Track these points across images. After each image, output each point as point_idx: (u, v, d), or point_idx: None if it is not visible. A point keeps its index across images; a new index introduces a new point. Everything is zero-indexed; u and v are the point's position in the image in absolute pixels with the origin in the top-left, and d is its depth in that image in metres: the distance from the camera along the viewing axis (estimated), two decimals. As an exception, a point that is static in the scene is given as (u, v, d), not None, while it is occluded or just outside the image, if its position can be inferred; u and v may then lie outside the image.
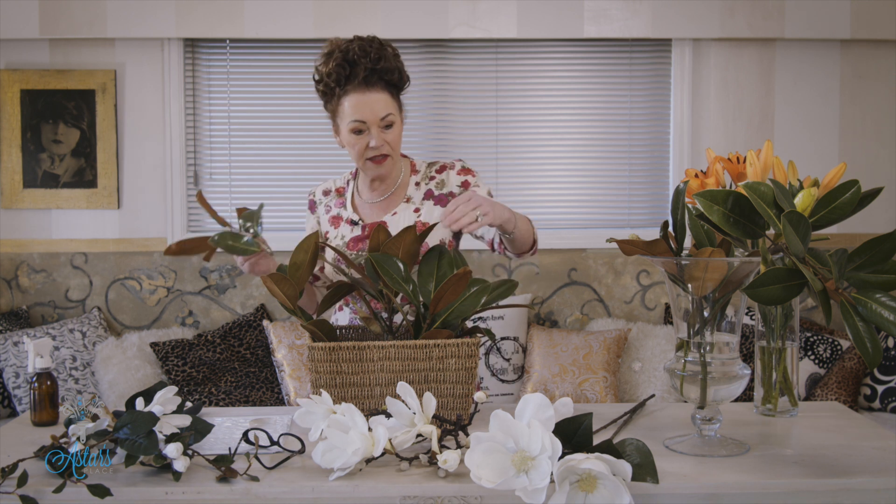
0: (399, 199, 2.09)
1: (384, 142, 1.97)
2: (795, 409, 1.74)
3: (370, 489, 1.33)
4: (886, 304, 1.25)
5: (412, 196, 2.09)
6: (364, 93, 1.94)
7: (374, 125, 1.95)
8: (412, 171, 2.12)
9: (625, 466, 1.22)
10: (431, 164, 2.13)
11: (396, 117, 1.99)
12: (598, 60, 3.92)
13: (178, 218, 3.84)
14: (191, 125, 3.88)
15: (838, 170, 1.51)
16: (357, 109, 1.94)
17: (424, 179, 2.10)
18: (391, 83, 1.98)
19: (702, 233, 1.44)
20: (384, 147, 1.97)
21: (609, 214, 3.97)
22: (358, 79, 1.93)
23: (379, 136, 1.96)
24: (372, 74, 1.94)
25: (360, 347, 1.64)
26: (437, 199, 2.07)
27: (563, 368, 3.51)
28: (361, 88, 1.94)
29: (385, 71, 1.95)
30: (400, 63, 1.99)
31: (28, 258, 3.85)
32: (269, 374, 3.58)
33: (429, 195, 2.08)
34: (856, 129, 3.90)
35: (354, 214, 2.11)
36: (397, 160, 2.06)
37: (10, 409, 3.46)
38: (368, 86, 1.94)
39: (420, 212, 2.06)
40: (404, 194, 2.09)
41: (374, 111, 1.94)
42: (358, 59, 1.92)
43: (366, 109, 1.94)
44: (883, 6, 3.75)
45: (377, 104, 1.94)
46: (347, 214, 2.11)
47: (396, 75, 1.98)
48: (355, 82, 1.94)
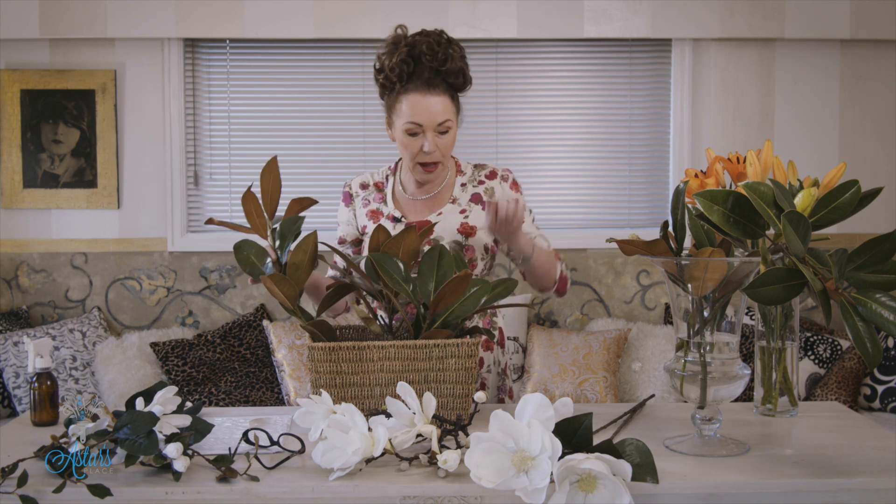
0: (445, 199, 2.03)
1: (437, 147, 1.90)
2: (795, 409, 1.74)
3: (370, 489, 1.33)
4: (886, 304, 1.25)
5: (458, 197, 2.03)
6: (425, 94, 1.87)
7: (430, 129, 1.88)
8: (458, 171, 2.07)
9: (625, 466, 1.22)
10: (479, 168, 2.07)
11: (454, 123, 1.92)
12: (598, 60, 3.92)
13: (178, 218, 3.84)
14: (191, 125, 3.88)
15: (838, 170, 1.51)
16: (415, 111, 1.87)
17: (472, 182, 2.04)
18: (454, 86, 1.91)
19: (702, 233, 1.44)
20: (436, 154, 1.91)
21: (609, 214, 3.97)
22: (421, 79, 1.86)
23: (433, 140, 1.89)
24: (436, 76, 1.87)
25: (360, 347, 1.64)
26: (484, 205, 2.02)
27: (563, 368, 3.51)
28: (423, 89, 1.87)
29: (450, 73, 1.87)
30: (465, 65, 1.91)
31: (28, 258, 3.85)
32: (269, 374, 3.58)
33: (476, 199, 2.03)
34: (856, 129, 3.90)
35: (396, 210, 2.04)
36: (447, 166, 2.01)
37: (10, 409, 3.46)
38: (430, 87, 1.87)
39: (466, 213, 2.01)
40: (450, 195, 2.03)
41: (433, 116, 1.87)
42: (424, 57, 1.86)
43: (424, 113, 1.87)
44: (883, 6, 3.75)
45: (436, 108, 1.87)
46: (388, 210, 2.05)
47: (461, 79, 1.90)
48: (418, 82, 1.87)
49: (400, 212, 2.04)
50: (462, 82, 1.92)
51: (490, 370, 2.07)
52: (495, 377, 2.08)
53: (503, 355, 2.11)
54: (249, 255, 1.71)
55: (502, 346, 2.11)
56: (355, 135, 3.88)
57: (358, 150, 3.89)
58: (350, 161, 3.89)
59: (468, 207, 2.02)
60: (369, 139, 3.86)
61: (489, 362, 2.06)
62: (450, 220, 2.00)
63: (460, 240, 1.99)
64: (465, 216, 2.00)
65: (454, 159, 2.10)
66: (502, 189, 2.05)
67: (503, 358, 2.11)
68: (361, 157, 3.89)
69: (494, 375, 2.08)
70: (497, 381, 2.09)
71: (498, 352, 2.09)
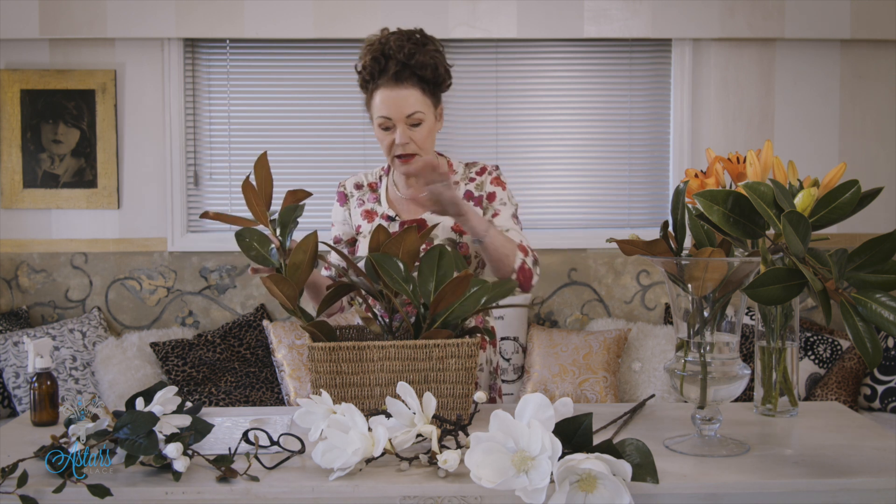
0: None
1: (409, 139, 1.92)
2: (795, 409, 1.74)
3: (370, 489, 1.32)
4: (886, 304, 1.24)
5: None
6: (393, 88, 1.89)
7: (400, 122, 1.91)
8: (450, 170, 2.08)
9: (625, 466, 1.22)
10: (470, 165, 2.09)
11: (427, 115, 1.93)
12: (598, 60, 3.92)
13: (178, 218, 3.84)
14: (191, 125, 3.88)
15: (838, 170, 1.51)
16: (384, 105, 1.90)
17: (464, 180, 2.06)
18: (425, 79, 1.91)
19: (702, 233, 1.44)
20: (410, 145, 1.92)
21: (609, 214, 3.97)
22: (389, 73, 1.89)
23: (405, 133, 1.91)
24: (404, 69, 1.89)
25: (360, 347, 1.64)
26: (476, 201, 2.04)
27: (563, 368, 3.51)
28: (391, 84, 1.89)
29: (418, 66, 1.89)
30: (438, 58, 1.92)
31: (28, 258, 3.85)
32: (269, 374, 3.58)
33: (468, 196, 2.04)
34: (856, 129, 3.90)
35: (390, 210, 2.07)
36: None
37: (10, 409, 3.46)
38: (399, 81, 1.89)
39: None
40: None
41: (401, 108, 1.89)
42: (392, 52, 1.88)
43: (392, 106, 1.89)
44: (883, 6, 3.75)
45: (405, 101, 1.89)
46: (382, 209, 2.07)
47: (429, 71, 1.91)
48: (386, 76, 1.89)
49: (394, 211, 2.07)
50: (433, 75, 1.92)
51: (483, 369, 2.07)
52: (487, 376, 2.09)
53: (495, 354, 2.12)
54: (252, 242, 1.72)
55: (494, 346, 2.12)
56: (355, 135, 3.88)
57: (358, 150, 3.89)
58: (350, 161, 3.89)
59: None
60: (369, 139, 3.86)
61: (481, 361, 2.07)
62: (444, 218, 2.00)
63: (455, 237, 2.00)
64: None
65: (446, 158, 2.10)
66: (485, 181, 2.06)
67: (495, 357, 2.12)
68: (361, 157, 3.89)
69: (486, 374, 2.09)
70: (489, 380, 2.10)
71: (490, 351, 2.10)
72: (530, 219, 3.91)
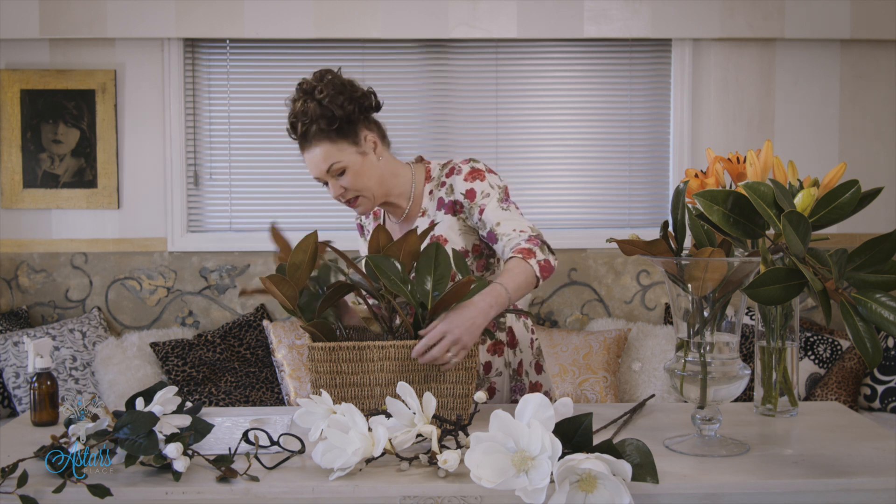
0: (415, 214, 2.01)
1: (343, 189, 1.92)
2: (795, 409, 1.74)
3: (370, 489, 1.33)
4: (886, 304, 1.25)
5: (427, 208, 1.99)
6: (307, 150, 1.91)
7: (326, 178, 1.92)
8: (426, 178, 2.02)
9: (625, 466, 1.22)
10: (444, 166, 2.02)
11: (346, 159, 1.88)
12: (598, 60, 3.92)
13: (178, 218, 3.84)
14: (191, 125, 3.88)
15: (838, 170, 1.51)
16: (308, 167, 1.93)
17: (437, 187, 1.99)
18: (326, 131, 1.87)
19: (702, 233, 1.44)
20: (347, 193, 1.93)
21: (609, 214, 3.97)
22: (298, 134, 1.90)
23: (334, 185, 1.92)
24: (308, 129, 1.88)
25: (360, 347, 1.64)
26: (447, 207, 1.96)
27: (563, 368, 3.51)
28: (304, 146, 1.91)
29: (313, 120, 1.86)
30: (329, 105, 1.84)
31: (28, 258, 3.85)
32: (269, 374, 3.58)
33: (440, 204, 1.98)
34: (856, 129, 3.90)
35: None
36: (375, 193, 1.95)
37: (10, 409, 3.46)
38: (308, 142, 1.89)
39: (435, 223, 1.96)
40: (420, 208, 2.01)
41: (317, 167, 1.90)
42: (296, 117, 1.88)
43: (312, 166, 1.91)
44: (883, 6, 3.75)
45: (316, 160, 1.89)
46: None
47: (324, 122, 1.86)
48: (300, 139, 1.91)
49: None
50: (328, 123, 1.86)
51: (501, 373, 2.03)
52: (507, 379, 2.04)
53: (515, 356, 2.06)
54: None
55: (513, 347, 2.06)
56: (355, 135, 3.88)
57: (358, 150, 3.89)
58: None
59: (435, 216, 1.98)
60: (369, 139, 3.86)
61: (499, 366, 2.02)
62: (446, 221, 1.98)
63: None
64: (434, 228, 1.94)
65: (425, 164, 2.04)
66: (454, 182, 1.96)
67: (515, 358, 2.06)
68: (361, 157, 3.88)
69: (506, 378, 2.04)
70: (510, 383, 2.05)
71: (508, 353, 2.05)
72: (530, 219, 3.90)
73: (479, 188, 1.92)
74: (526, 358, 2.09)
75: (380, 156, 1.95)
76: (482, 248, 2.00)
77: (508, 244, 1.85)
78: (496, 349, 2.03)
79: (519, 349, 2.08)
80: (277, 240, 1.88)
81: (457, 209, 1.95)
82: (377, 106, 1.95)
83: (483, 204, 1.91)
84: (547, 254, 1.83)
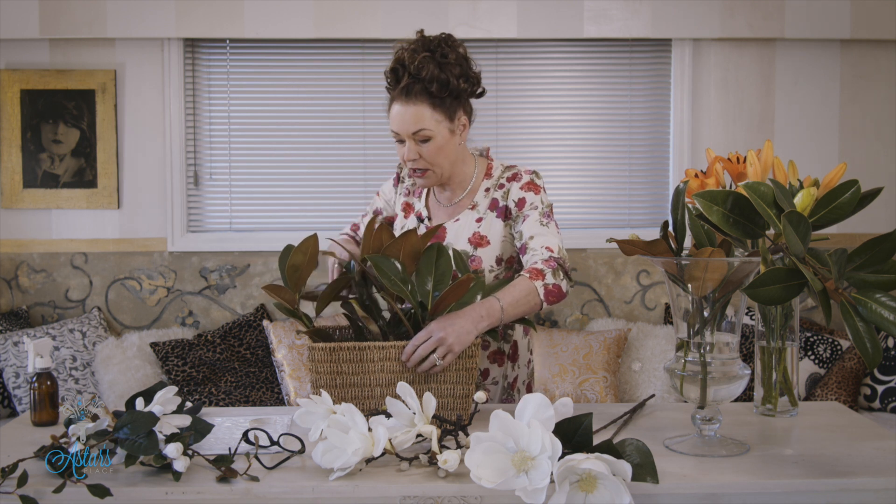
0: (465, 205, 2.00)
1: (418, 155, 1.89)
2: (795, 409, 1.74)
3: (370, 489, 1.33)
4: (886, 304, 1.25)
5: (479, 203, 1.99)
6: (403, 103, 1.86)
7: (408, 138, 1.87)
8: (486, 174, 2.02)
9: (625, 466, 1.22)
10: (507, 169, 2.02)
11: (436, 131, 1.87)
12: (598, 60, 3.92)
13: (178, 218, 3.84)
14: (191, 125, 3.88)
15: (838, 170, 1.51)
16: (394, 120, 1.88)
17: (495, 186, 2.00)
18: (433, 95, 1.85)
19: (702, 233, 1.44)
20: (419, 161, 1.90)
21: (609, 214, 3.97)
22: (399, 87, 1.85)
23: (412, 149, 1.88)
24: (414, 83, 1.84)
25: (361, 348, 1.64)
26: (500, 211, 1.97)
27: (563, 368, 3.51)
28: (401, 98, 1.86)
29: (428, 80, 1.83)
30: (451, 71, 1.83)
31: (28, 258, 3.85)
32: (269, 374, 3.58)
33: (493, 205, 1.98)
34: (856, 129, 3.90)
35: (425, 210, 2.06)
36: (444, 173, 1.94)
37: (10, 409, 3.46)
38: (408, 96, 1.85)
39: (482, 221, 1.97)
40: (471, 201, 2.00)
41: (406, 125, 1.86)
42: (406, 64, 1.83)
43: (400, 122, 1.86)
44: (883, 6, 3.75)
45: (410, 118, 1.85)
46: (419, 207, 2.07)
47: (436, 86, 1.83)
48: (398, 90, 1.86)
49: (427, 212, 2.06)
50: (439, 90, 1.84)
51: (497, 382, 2.02)
52: (500, 391, 2.03)
53: (513, 370, 2.04)
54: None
55: (513, 361, 2.05)
56: (355, 135, 3.88)
57: (358, 151, 3.89)
58: (350, 161, 3.89)
59: (485, 215, 1.97)
60: (369, 139, 3.86)
61: (496, 375, 2.01)
62: (464, 227, 1.97)
63: (468, 250, 1.95)
64: (480, 225, 1.96)
65: (488, 160, 2.05)
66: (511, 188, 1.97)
67: (512, 373, 2.04)
68: (361, 158, 3.89)
69: (500, 389, 2.03)
70: (502, 395, 2.04)
71: (508, 366, 2.03)
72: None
73: (530, 199, 1.94)
74: (521, 376, 2.08)
75: (462, 140, 1.96)
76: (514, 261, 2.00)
77: (530, 260, 1.86)
78: (496, 358, 2.02)
79: (518, 365, 2.07)
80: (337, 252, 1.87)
81: (507, 215, 1.97)
82: (482, 93, 1.95)
83: (527, 215, 1.92)
84: (559, 279, 1.81)
